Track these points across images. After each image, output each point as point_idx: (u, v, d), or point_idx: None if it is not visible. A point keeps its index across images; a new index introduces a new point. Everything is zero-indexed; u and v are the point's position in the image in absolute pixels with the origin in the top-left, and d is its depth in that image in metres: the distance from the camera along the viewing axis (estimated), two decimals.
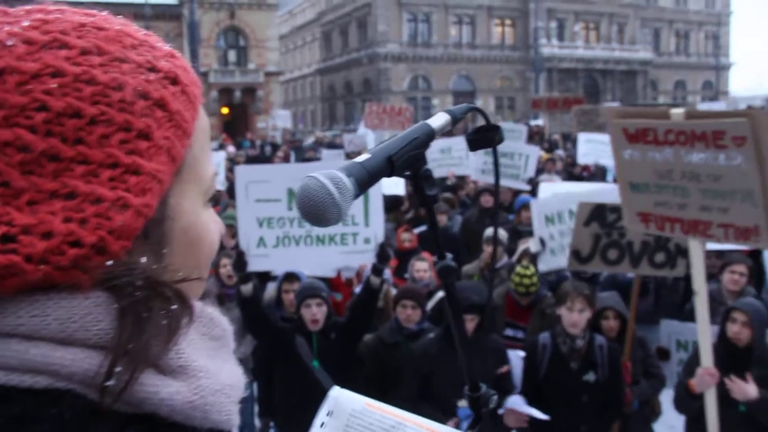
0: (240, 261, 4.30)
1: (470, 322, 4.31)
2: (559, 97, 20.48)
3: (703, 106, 22.91)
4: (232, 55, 44.32)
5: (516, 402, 4.26)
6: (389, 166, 0.99)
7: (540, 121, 23.04)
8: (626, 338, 4.94)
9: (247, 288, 4.29)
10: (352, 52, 54.74)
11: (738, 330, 4.11)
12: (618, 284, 5.90)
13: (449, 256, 1.10)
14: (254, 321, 4.44)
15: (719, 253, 6.29)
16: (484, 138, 1.14)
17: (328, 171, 0.92)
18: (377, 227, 4.52)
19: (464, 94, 52.79)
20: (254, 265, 4.42)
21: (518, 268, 5.62)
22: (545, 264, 6.07)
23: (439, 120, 1.09)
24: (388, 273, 5.39)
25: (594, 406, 4.45)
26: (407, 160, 1.02)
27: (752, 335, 4.09)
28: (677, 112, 3.63)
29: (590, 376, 4.42)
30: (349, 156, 15.75)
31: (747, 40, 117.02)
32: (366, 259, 4.57)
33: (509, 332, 5.52)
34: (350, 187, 0.92)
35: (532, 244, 6.29)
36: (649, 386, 5.05)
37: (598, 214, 5.15)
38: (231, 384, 0.75)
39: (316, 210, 0.90)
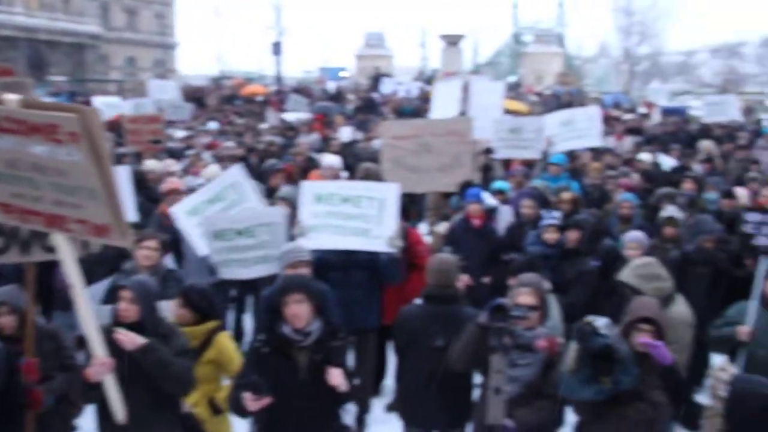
0: None
1: None
2: None
3: (154, 83, 23.34)
4: None
5: None
6: None
7: None
8: (26, 334, 4.51)
9: None
10: None
11: (125, 307, 4.11)
12: None
13: None
14: None
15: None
16: None
17: None
18: None
19: None
20: None
21: None
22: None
23: None
24: None
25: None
26: None
27: (140, 311, 4.12)
28: (11, 98, 3.32)
29: None
30: None
31: (191, 22, 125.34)
32: None
33: None
34: None
35: None
36: (64, 379, 4.69)
37: None
38: None
39: None
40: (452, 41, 41.06)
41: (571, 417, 4.45)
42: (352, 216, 6.12)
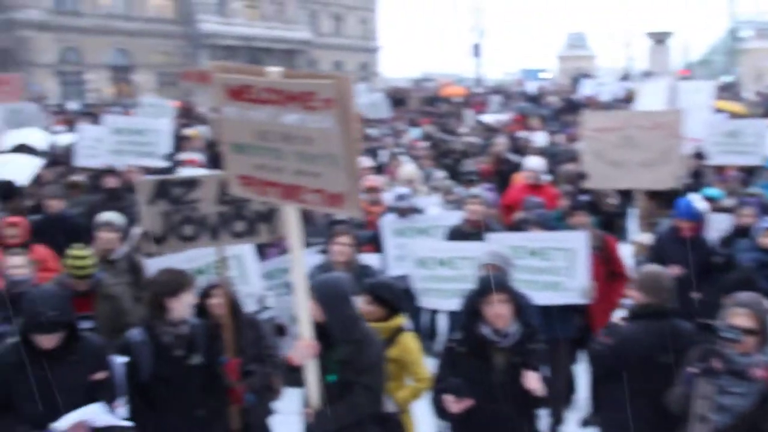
0: None
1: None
2: (208, 70, 19.71)
3: (361, 87, 24.11)
4: None
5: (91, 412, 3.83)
6: None
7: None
8: (229, 327, 4.74)
9: None
10: None
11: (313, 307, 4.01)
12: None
13: None
14: None
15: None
16: None
17: None
18: None
19: (121, 69, 49.51)
20: None
21: (72, 250, 5.22)
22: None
23: None
24: None
25: (205, 389, 4.40)
26: None
27: (324, 312, 4.00)
28: (275, 70, 3.50)
29: (196, 359, 4.35)
30: None
31: (393, 26, 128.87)
32: None
33: None
34: None
35: None
36: (264, 373, 4.83)
37: (162, 190, 4.81)
38: None
39: None
40: (659, 39, 38.73)
41: None
42: (541, 270, 5.89)
